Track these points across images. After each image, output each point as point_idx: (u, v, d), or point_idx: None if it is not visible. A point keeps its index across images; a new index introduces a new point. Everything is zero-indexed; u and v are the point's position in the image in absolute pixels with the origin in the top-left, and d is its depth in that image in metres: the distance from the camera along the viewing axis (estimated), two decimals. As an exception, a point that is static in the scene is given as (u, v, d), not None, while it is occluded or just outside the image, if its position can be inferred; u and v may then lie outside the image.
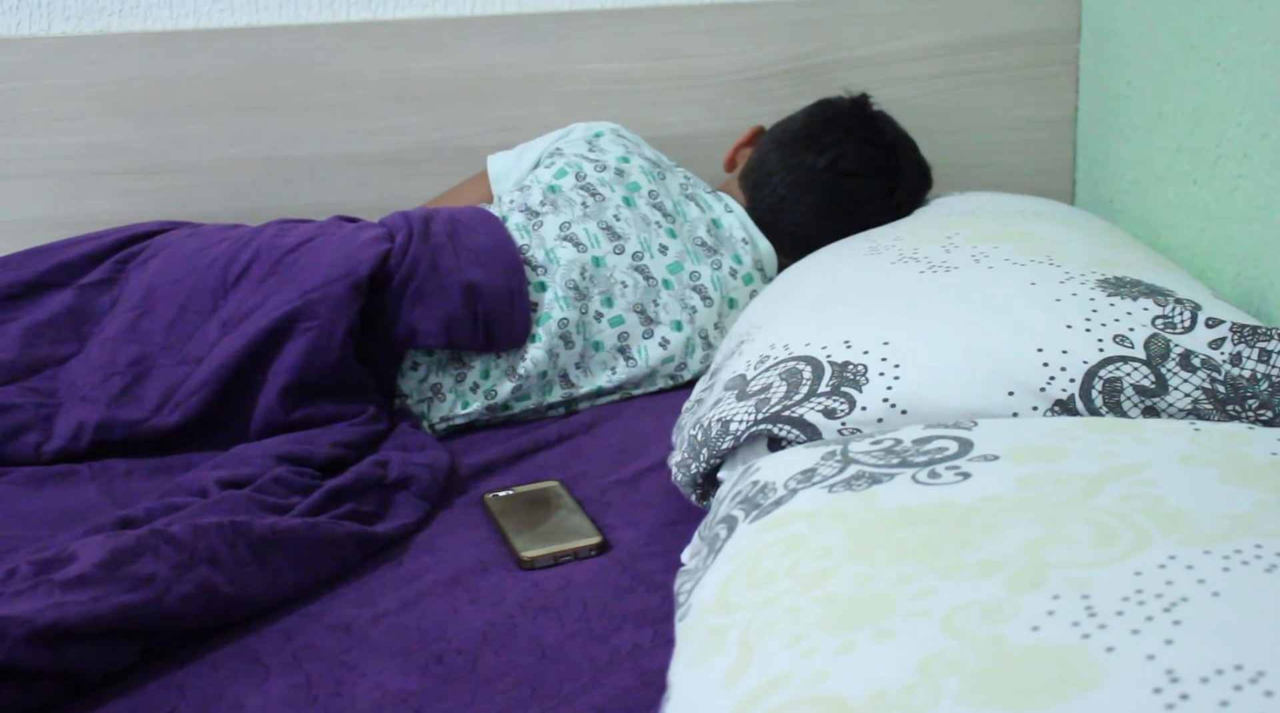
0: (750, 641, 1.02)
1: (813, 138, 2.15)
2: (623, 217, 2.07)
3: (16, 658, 1.24)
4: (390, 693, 1.30)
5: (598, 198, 2.07)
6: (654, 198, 2.09)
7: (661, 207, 2.09)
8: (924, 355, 1.48)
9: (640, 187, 2.10)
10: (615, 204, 2.07)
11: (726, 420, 1.48)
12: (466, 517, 1.67)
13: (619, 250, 2.04)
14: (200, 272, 1.90)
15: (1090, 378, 1.45)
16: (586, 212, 2.06)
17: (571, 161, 2.14)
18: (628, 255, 2.04)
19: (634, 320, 2.03)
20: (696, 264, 2.07)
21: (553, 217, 2.05)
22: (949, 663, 0.89)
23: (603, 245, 2.04)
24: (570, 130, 2.22)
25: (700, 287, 2.06)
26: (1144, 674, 0.83)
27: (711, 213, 2.11)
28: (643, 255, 2.05)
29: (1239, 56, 1.83)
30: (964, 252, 1.71)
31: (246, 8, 2.32)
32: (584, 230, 2.04)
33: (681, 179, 2.15)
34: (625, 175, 2.11)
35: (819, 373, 1.49)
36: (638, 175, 2.12)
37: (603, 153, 2.14)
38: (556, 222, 2.05)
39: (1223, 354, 1.47)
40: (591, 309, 2.02)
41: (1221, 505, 1.05)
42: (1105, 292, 1.55)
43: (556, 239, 2.03)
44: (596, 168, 2.12)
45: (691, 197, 2.12)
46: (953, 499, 1.12)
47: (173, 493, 1.63)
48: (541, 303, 2.00)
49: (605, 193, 2.08)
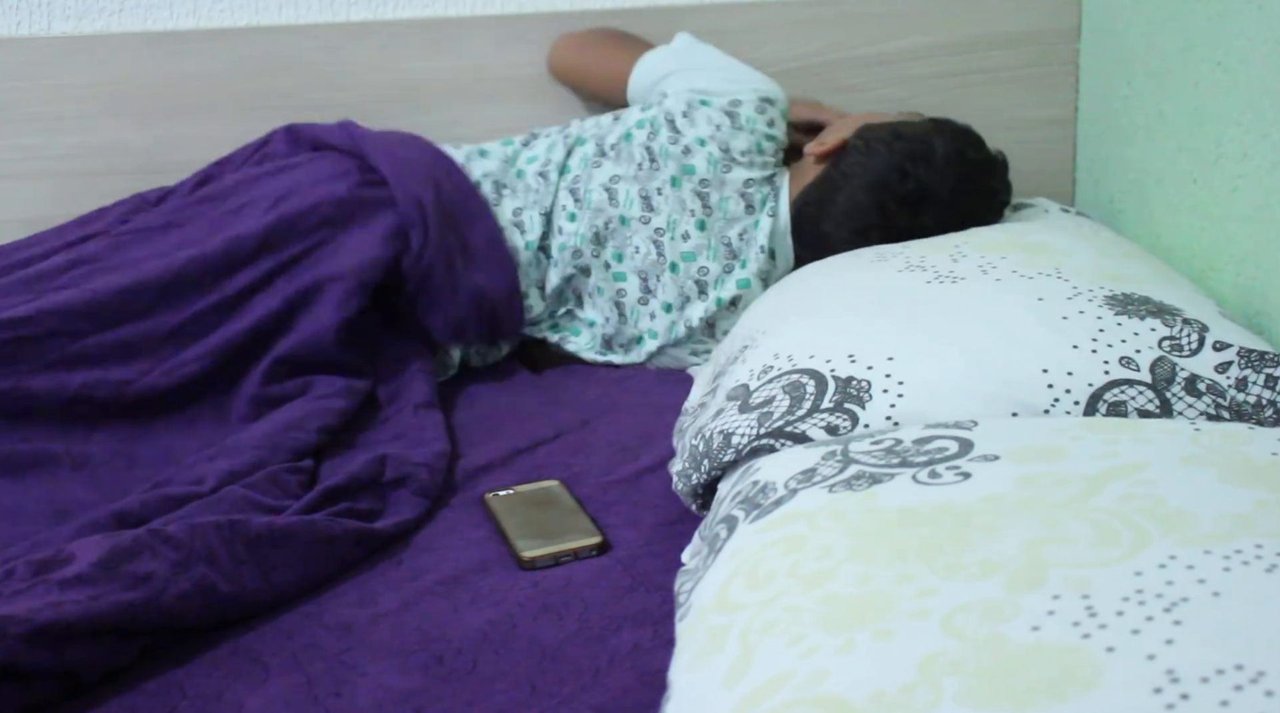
0: (750, 641, 1.02)
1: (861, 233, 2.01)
2: (665, 192, 2.10)
3: (15, 657, 1.24)
4: (391, 693, 1.30)
5: (654, 165, 2.10)
6: (703, 186, 2.09)
7: (706, 197, 2.09)
8: (928, 373, 1.48)
9: (695, 171, 2.09)
10: (664, 178, 2.10)
11: (728, 433, 1.48)
12: (467, 516, 1.67)
13: (645, 220, 2.10)
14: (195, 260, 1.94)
15: (1094, 401, 1.44)
16: (639, 173, 2.10)
17: (663, 114, 2.13)
18: (651, 227, 2.09)
19: (635, 283, 2.11)
20: (709, 261, 2.09)
21: (611, 164, 2.12)
22: (949, 663, 0.89)
23: (634, 209, 2.10)
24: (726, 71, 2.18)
25: (702, 282, 2.08)
26: (1144, 674, 0.84)
27: (756, 215, 2.10)
28: (664, 232, 2.09)
29: (1239, 56, 1.83)
30: (971, 261, 1.70)
31: (246, 8, 2.32)
32: (625, 190, 2.10)
33: (755, 174, 2.10)
34: (689, 154, 2.10)
35: (822, 388, 1.48)
36: (699, 160, 2.10)
37: (692, 125, 2.12)
38: (611, 171, 2.11)
39: (1229, 379, 1.47)
40: (603, 256, 2.11)
41: (1222, 506, 1.05)
42: (1113, 310, 1.54)
43: (600, 186, 2.11)
44: (670, 137, 2.11)
45: (747, 196, 2.09)
46: (953, 499, 1.12)
47: (166, 483, 1.63)
48: (565, 229, 2.12)
49: (661, 163, 2.10)
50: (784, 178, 2.14)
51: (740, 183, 2.10)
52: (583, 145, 2.16)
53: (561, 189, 2.13)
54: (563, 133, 2.19)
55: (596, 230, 2.11)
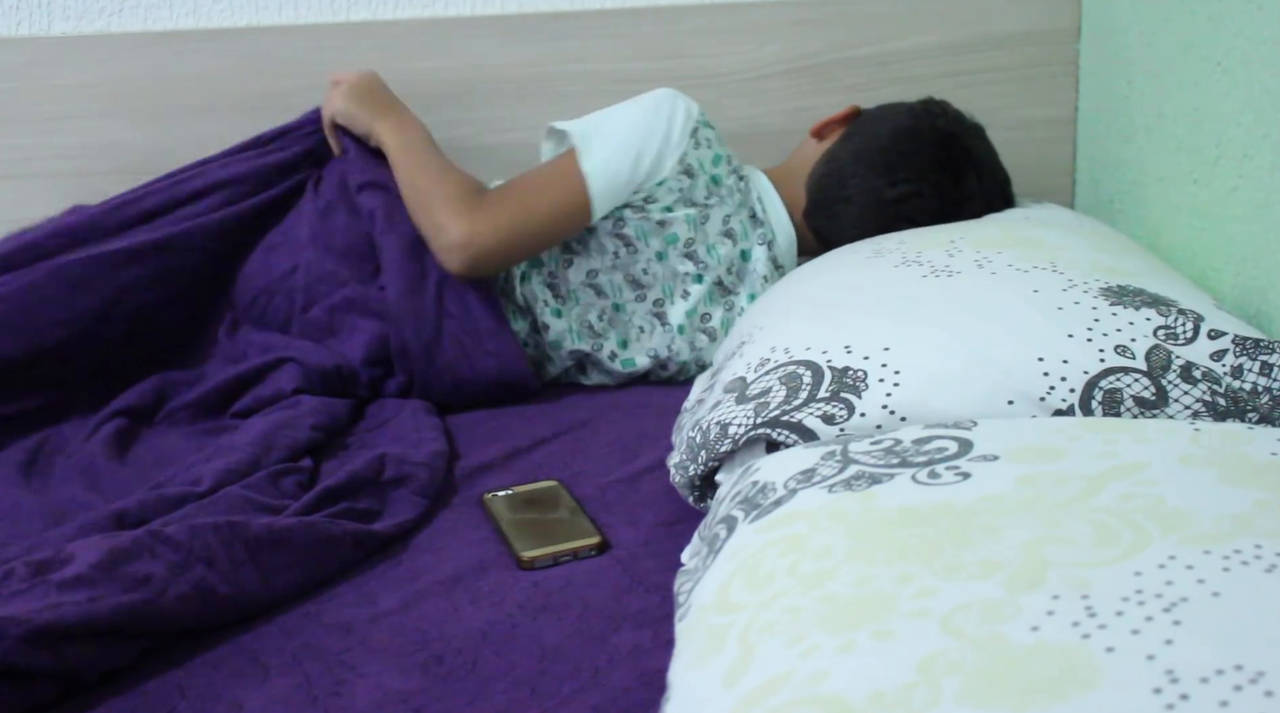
0: (750, 641, 1.02)
1: (890, 167, 2.07)
2: (651, 270, 2.07)
3: (14, 658, 1.24)
4: (390, 693, 1.30)
5: (631, 249, 2.06)
6: (689, 247, 2.06)
7: (694, 255, 2.06)
8: (924, 362, 1.48)
9: (678, 238, 2.06)
10: (647, 258, 2.06)
11: (725, 423, 1.48)
12: (466, 516, 1.67)
13: (640, 298, 2.07)
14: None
15: (1090, 388, 1.44)
16: (616, 261, 2.06)
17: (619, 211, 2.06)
18: (649, 302, 2.07)
19: (645, 362, 2.08)
20: (709, 306, 2.08)
21: (582, 260, 2.07)
22: (949, 663, 0.89)
23: (625, 294, 2.07)
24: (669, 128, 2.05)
25: (710, 329, 2.08)
26: (1144, 675, 0.83)
27: (744, 244, 2.08)
28: (663, 302, 2.07)
29: (1239, 56, 1.83)
30: (967, 256, 1.70)
31: (246, 8, 2.32)
32: (609, 281, 2.06)
33: (729, 207, 2.08)
34: (666, 227, 2.06)
35: (819, 378, 1.49)
36: (679, 227, 2.06)
37: (655, 201, 2.04)
38: (586, 266, 2.07)
39: (1224, 366, 1.47)
40: (606, 348, 2.08)
41: (1221, 506, 1.05)
42: (1108, 301, 1.54)
43: (580, 283, 2.07)
44: (641, 217, 2.05)
45: (729, 231, 2.07)
46: (953, 499, 1.12)
47: (165, 484, 1.63)
48: (552, 327, 2.07)
49: (639, 246, 2.06)
50: (758, 180, 2.13)
51: (720, 222, 2.07)
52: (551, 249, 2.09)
53: (534, 282, 2.08)
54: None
55: (590, 324, 2.07)
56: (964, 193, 2.06)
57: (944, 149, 2.08)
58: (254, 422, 1.79)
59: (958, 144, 2.09)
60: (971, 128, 2.13)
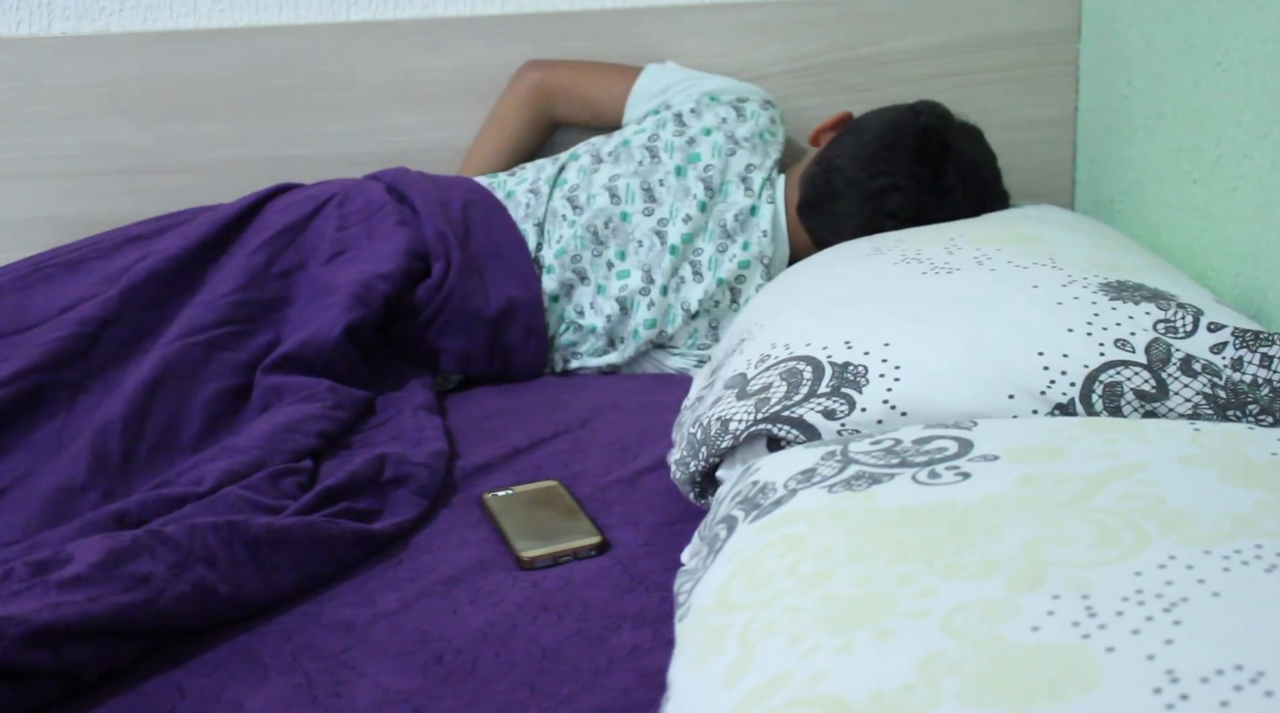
0: (750, 641, 1.02)
1: (871, 161, 2.09)
2: (667, 183, 2.14)
3: (13, 658, 1.24)
4: (390, 693, 1.30)
5: (655, 159, 2.15)
6: (707, 172, 2.14)
7: (709, 182, 2.14)
8: (924, 357, 1.48)
9: (700, 158, 2.15)
10: (667, 170, 2.14)
11: (726, 419, 1.48)
12: (466, 516, 1.67)
13: (648, 212, 2.13)
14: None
15: (1091, 382, 1.44)
16: (639, 168, 2.15)
17: (663, 118, 2.21)
18: (654, 218, 2.13)
19: (638, 277, 2.12)
20: (705, 241, 2.12)
21: (610, 166, 2.16)
22: (949, 663, 0.89)
23: (636, 203, 2.13)
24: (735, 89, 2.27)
25: (696, 263, 2.11)
26: (1144, 675, 0.83)
27: (754, 199, 2.14)
28: (667, 221, 2.12)
29: (1239, 56, 1.83)
30: (966, 253, 1.71)
31: (246, 8, 2.32)
32: (626, 185, 2.14)
33: (756, 159, 2.17)
34: (694, 144, 2.17)
35: (819, 373, 1.49)
36: (705, 148, 2.16)
37: (699, 118, 2.19)
38: (610, 172, 2.15)
39: (1224, 359, 1.47)
40: (605, 255, 2.13)
41: (1221, 506, 1.05)
42: (1107, 295, 1.55)
43: (602, 187, 2.14)
44: (676, 130, 2.18)
45: (747, 180, 2.15)
46: (953, 499, 1.12)
47: (166, 484, 1.64)
48: (562, 236, 2.13)
49: (664, 157, 2.15)
50: (779, 179, 2.17)
51: (742, 167, 2.15)
52: (577, 159, 2.19)
53: (556, 198, 2.15)
54: (551, 159, 2.23)
55: (595, 230, 2.12)
56: (942, 184, 2.07)
57: (921, 141, 2.10)
58: (260, 423, 1.79)
59: (935, 137, 2.10)
60: (960, 126, 2.15)
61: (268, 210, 2.08)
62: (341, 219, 2.08)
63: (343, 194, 2.11)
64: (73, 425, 1.77)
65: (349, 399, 1.89)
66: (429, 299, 2.03)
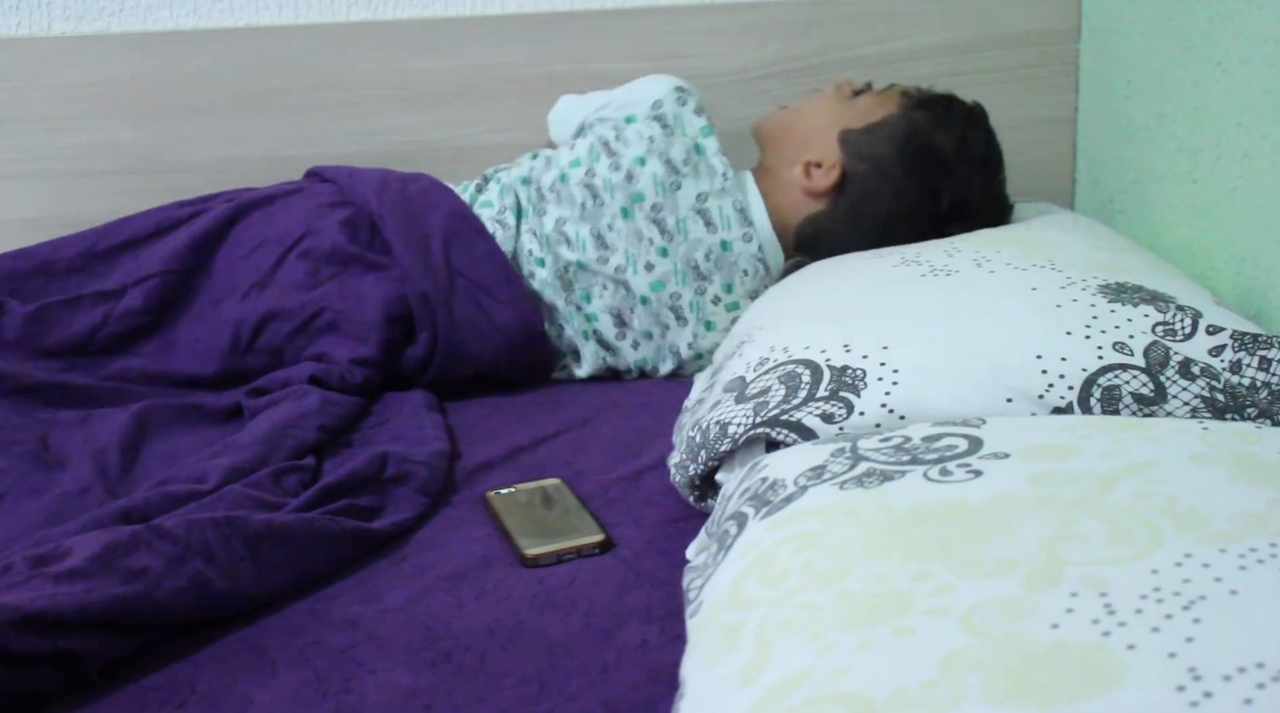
0: (767, 638, 1.02)
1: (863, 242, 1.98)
2: (615, 227, 2.04)
3: (5, 642, 1.25)
4: (400, 690, 1.30)
5: (597, 201, 2.05)
6: (655, 212, 2.03)
7: (661, 222, 2.03)
8: (922, 361, 1.49)
9: (644, 197, 2.03)
10: (612, 213, 2.04)
11: (725, 423, 1.49)
12: (469, 514, 1.67)
13: (603, 260, 2.04)
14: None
15: (1089, 386, 1.45)
16: (584, 213, 2.05)
17: (593, 148, 2.08)
18: (611, 266, 2.04)
19: (608, 321, 2.07)
20: (679, 286, 2.04)
21: (554, 208, 2.07)
22: (970, 661, 0.89)
23: (589, 252, 2.05)
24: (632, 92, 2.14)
25: (677, 307, 2.05)
26: (1166, 672, 0.84)
27: (723, 234, 2.03)
28: (625, 269, 2.04)
29: (1239, 56, 1.83)
30: (966, 256, 1.71)
31: (246, 8, 2.32)
32: (575, 232, 2.05)
33: (703, 188, 2.04)
34: (633, 181, 2.04)
35: (818, 377, 1.49)
36: (645, 184, 2.03)
37: (627, 146, 2.07)
38: (556, 214, 2.06)
39: (1223, 362, 1.48)
40: (573, 300, 2.07)
41: (1234, 504, 1.05)
42: (1106, 298, 1.55)
43: (554, 229, 2.06)
44: (610, 165, 2.05)
45: (704, 212, 2.04)
46: (966, 497, 1.12)
47: (170, 481, 1.64)
48: (536, 275, 2.07)
49: (605, 198, 2.04)
50: (745, 184, 2.09)
51: (693, 198, 2.04)
52: (527, 187, 2.11)
53: (524, 233, 2.09)
54: (510, 172, 2.15)
55: (559, 274, 2.07)
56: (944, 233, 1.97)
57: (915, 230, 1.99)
58: (260, 420, 1.79)
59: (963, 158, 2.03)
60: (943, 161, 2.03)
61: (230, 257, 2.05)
62: (312, 272, 2.03)
63: (306, 233, 2.05)
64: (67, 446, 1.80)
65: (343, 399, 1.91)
66: (420, 364, 2.03)
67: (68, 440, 1.79)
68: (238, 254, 2.04)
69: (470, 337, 2.02)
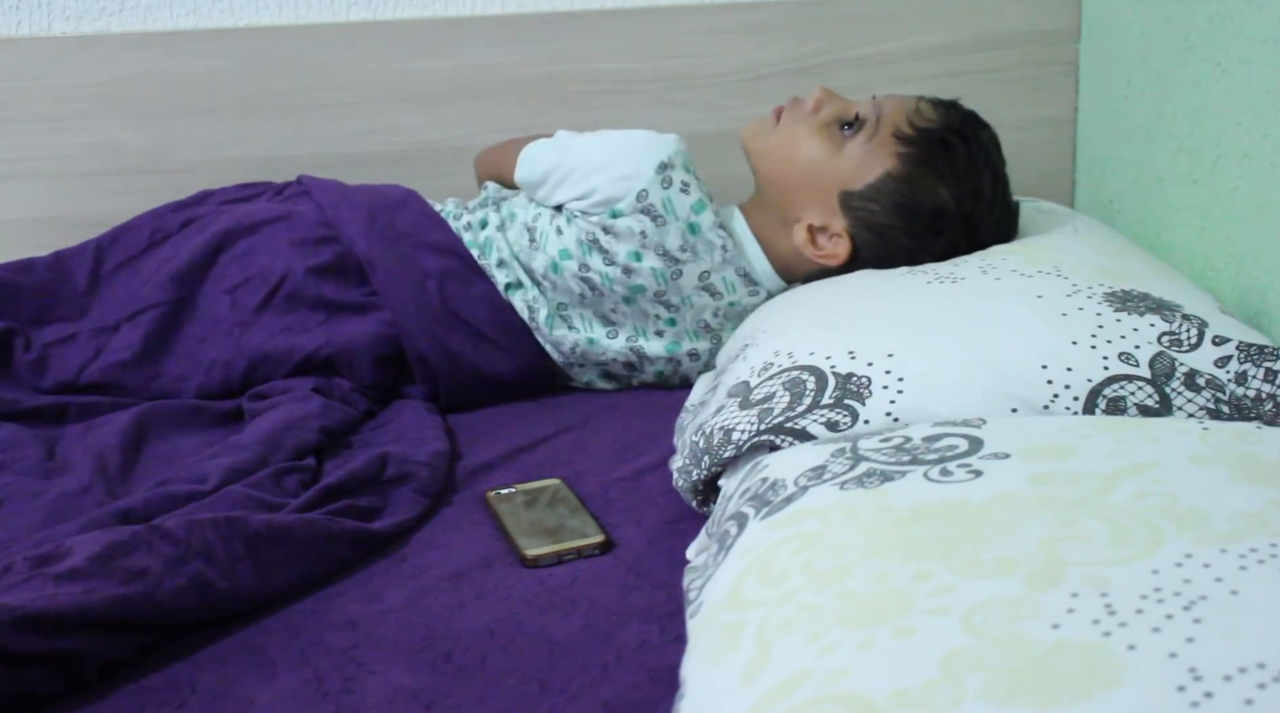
0: (767, 638, 1.02)
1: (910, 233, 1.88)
2: (620, 310, 1.99)
3: (5, 642, 1.25)
4: (401, 690, 1.31)
5: (597, 293, 1.98)
6: (660, 297, 1.97)
7: (667, 302, 1.98)
8: (927, 369, 1.48)
9: (645, 289, 1.96)
10: (615, 300, 1.98)
11: (729, 429, 1.48)
12: (469, 515, 1.67)
13: (612, 335, 2.01)
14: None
15: (1094, 396, 1.45)
16: (584, 301, 1.99)
17: (581, 243, 1.97)
18: (621, 339, 2.01)
19: (623, 370, 2.05)
20: (694, 342, 2.01)
21: (550, 293, 2.01)
22: (971, 661, 0.89)
23: (596, 330, 2.01)
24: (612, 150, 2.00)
25: (694, 353, 2.02)
26: (1167, 672, 0.84)
27: (730, 297, 1.97)
28: (636, 339, 2.01)
29: (1239, 56, 1.83)
30: (971, 263, 1.71)
31: (246, 8, 2.32)
32: (579, 315, 2.01)
33: (704, 267, 1.95)
34: (632, 275, 1.95)
35: (822, 384, 1.49)
36: (645, 278, 1.95)
37: (616, 241, 1.94)
38: (554, 300, 2.01)
39: (1228, 373, 1.48)
40: (586, 376, 2.07)
41: (1234, 505, 1.05)
42: (1112, 307, 1.55)
43: (554, 313, 2.02)
44: (604, 261, 1.95)
45: (708, 287, 1.96)
46: (966, 497, 1.12)
47: (170, 481, 1.64)
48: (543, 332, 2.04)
49: (605, 290, 1.97)
50: (744, 241, 2.00)
51: (695, 279, 1.96)
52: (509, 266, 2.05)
53: (517, 296, 2.05)
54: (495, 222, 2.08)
55: (564, 356, 2.04)
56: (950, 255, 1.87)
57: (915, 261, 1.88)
58: (261, 421, 1.79)
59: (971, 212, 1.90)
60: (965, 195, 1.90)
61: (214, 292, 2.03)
62: (299, 319, 2.01)
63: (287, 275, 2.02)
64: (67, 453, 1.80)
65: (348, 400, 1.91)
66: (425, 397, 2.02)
67: (71, 449, 1.79)
68: (220, 289, 2.02)
69: (470, 383, 2.01)
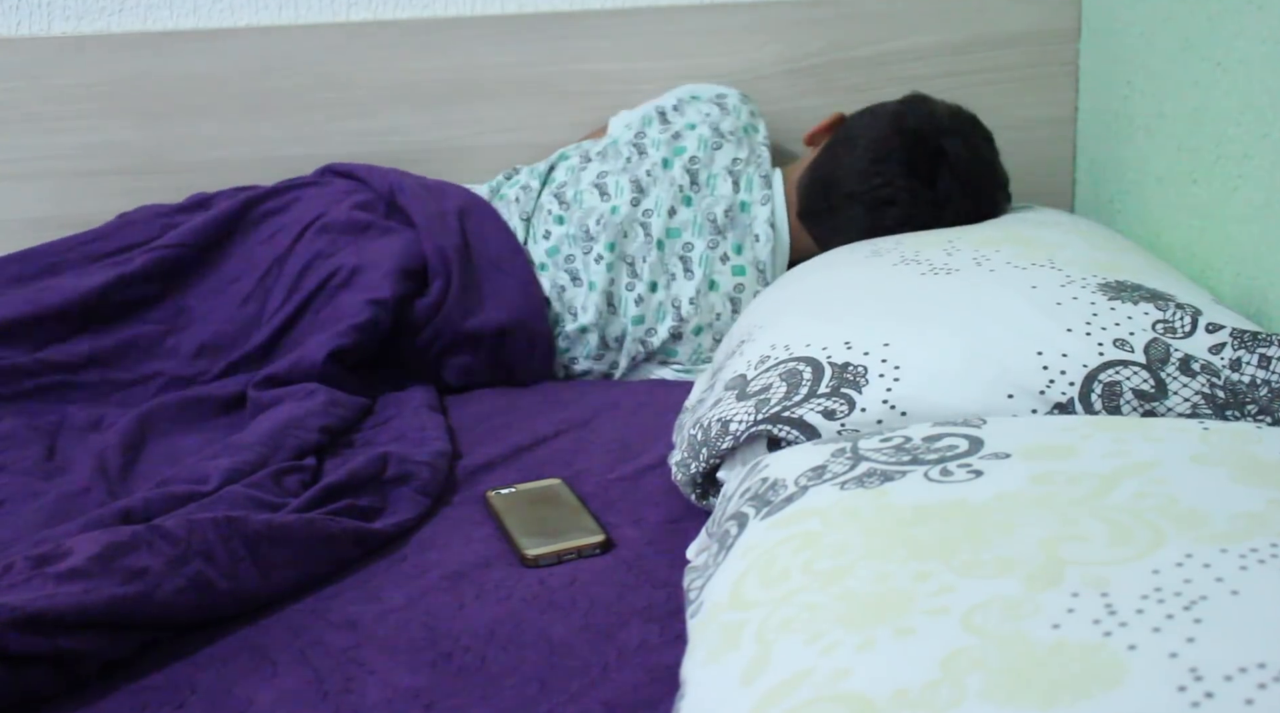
0: (767, 638, 1.02)
1: (865, 176, 2.08)
2: (654, 174, 2.14)
3: (5, 642, 1.24)
4: (401, 690, 1.30)
5: (642, 154, 2.16)
6: (693, 163, 2.15)
7: (695, 174, 2.14)
8: (924, 357, 1.49)
9: (685, 151, 2.16)
10: (654, 162, 2.15)
11: (726, 420, 1.49)
12: (469, 514, 1.67)
13: (635, 202, 2.13)
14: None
15: (1090, 381, 1.45)
16: (627, 165, 2.15)
17: (648, 116, 2.23)
18: (640, 209, 2.12)
19: (622, 269, 2.12)
20: (694, 236, 2.12)
21: (598, 163, 2.16)
22: (972, 661, 0.89)
23: (624, 196, 2.13)
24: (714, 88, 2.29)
25: (686, 258, 2.11)
26: (1168, 672, 0.84)
27: (744, 196, 2.13)
28: (652, 212, 2.12)
29: (1239, 56, 1.83)
30: (965, 255, 1.71)
31: (246, 8, 2.32)
32: (615, 182, 2.14)
33: (743, 153, 2.17)
34: (680, 138, 2.18)
35: (819, 374, 1.49)
36: (690, 141, 2.17)
37: (682, 115, 2.22)
38: (598, 169, 2.15)
39: (1223, 359, 1.48)
40: (594, 250, 2.11)
41: (1235, 505, 1.05)
42: (1106, 296, 1.55)
43: (589, 184, 2.14)
44: (661, 127, 2.20)
45: (734, 173, 2.15)
46: (966, 497, 1.12)
47: (171, 481, 1.64)
48: (552, 233, 2.14)
49: (651, 152, 2.16)
50: (776, 176, 2.17)
51: (729, 160, 2.15)
52: (566, 159, 2.20)
53: (545, 195, 2.16)
54: (544, 160, 2.24)
55: (587, 228, 2.12)
56: (939, 195, 2.05)
57: (912, 153, 2.07)
58: (263, 419, 1.80)
59: (925, 145, 2.08)
60: (949, 123, 2.12)
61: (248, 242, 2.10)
62: (330, 242, 2.08)
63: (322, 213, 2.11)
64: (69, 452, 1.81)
65: (347, 399, 1.90)
66: (428, 319, 2.04)
67: (72, 449, 1.79)
68: (256, 239, 2.09)
69: (473, 299, 2.06)
